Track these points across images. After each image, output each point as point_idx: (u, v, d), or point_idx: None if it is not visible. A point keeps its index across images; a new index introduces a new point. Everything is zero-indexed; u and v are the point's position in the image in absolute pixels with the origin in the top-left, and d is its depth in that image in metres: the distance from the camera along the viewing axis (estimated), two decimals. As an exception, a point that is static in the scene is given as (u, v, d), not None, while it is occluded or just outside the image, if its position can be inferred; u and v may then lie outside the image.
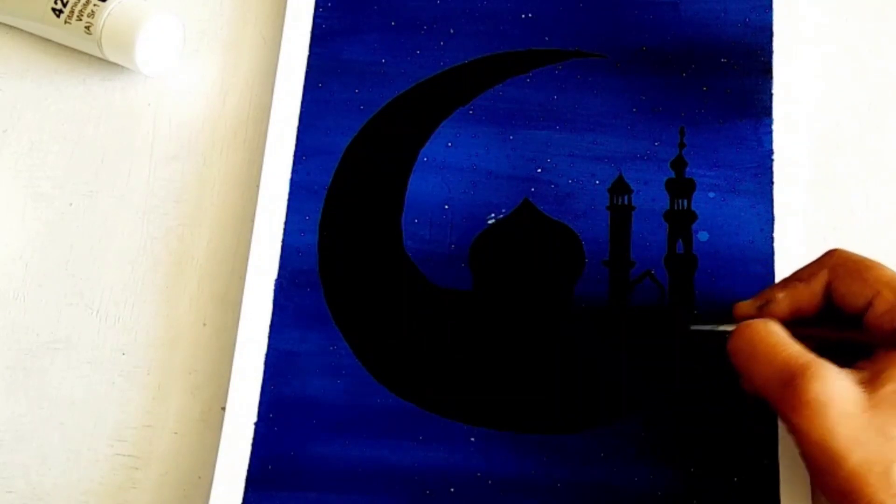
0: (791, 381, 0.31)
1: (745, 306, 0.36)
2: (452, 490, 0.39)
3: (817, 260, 0.35)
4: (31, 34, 0.48)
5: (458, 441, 0.39)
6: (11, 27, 0.48)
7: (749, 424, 0.38)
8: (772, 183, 0.42)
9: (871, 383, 0.31)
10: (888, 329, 0.32)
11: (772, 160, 0.42)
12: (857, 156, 0.44)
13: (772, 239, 0.41)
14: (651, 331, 0.40)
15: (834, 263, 0.35)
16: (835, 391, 0.31)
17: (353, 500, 0.39)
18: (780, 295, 0.35)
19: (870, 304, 0.33)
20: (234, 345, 0.41)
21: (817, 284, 0.35)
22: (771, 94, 0.43)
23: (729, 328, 0.36)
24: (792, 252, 0.41)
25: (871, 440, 0.30)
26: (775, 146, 0.42)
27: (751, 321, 0.34)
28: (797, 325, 0.35)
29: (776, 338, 0.33)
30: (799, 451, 0.32)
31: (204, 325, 0.43)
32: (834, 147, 0.44)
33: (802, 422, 0.31)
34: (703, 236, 0.41)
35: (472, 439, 0.39)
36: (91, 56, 0.47)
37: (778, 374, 0.32)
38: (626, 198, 0.42)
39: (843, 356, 0.33)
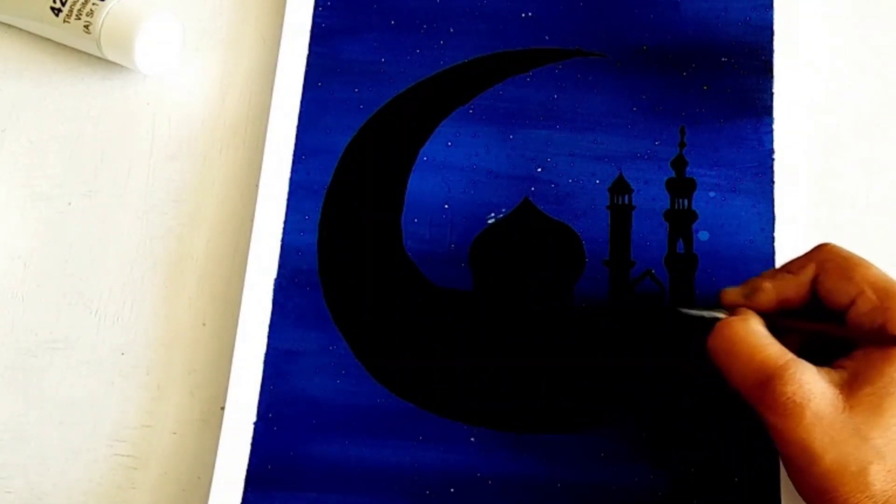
0: (768, 382, 0.32)
1: (732, 293, 0.36)
2: (452, 490, 0.39)
3: (807, 253, 0.35)
4: (30, 33, 0.48)
5: (457, 441, 0.39)
6: (10, 26, 0.48)
7: (749, 425, 0.38)
8: (772, 182, 0.42)
9: (849, 384, 0.31)
10: (869, 328, 0.32)
11: (772, 160, 0.42)
12: (857, 156, 0.44)
13: (772, 239, 0.41)
14: (651, 330, 0.40)
15: (822, 258, 0.34)
16: (812, 392, 0.31)
17: (353, 500, 0.39)
18: (768, 285, 0.35)
19: (853, 302, 0.33)
20: (233, 344, 0.41)
21: (804, 277, 0.34)
22: (771, 94, 0.43)
23: (718, 314, 0.35)
24: (792, 252, 0.40)
25: (846, 441, 0.31)
26: (776, 146, 0.42)
27: (730, 319, 0.34)
28: (782, 316, 0.35)
29: (755, 337, 0.33)
30: (777, 449, 0.33)
31: (203, 324, 0.43)
32: (834, 147, 0.44)
33: (779, 421, 0.31)
34: (703, 236, 0.41)
35: (472, 439, 0.39)
36: (90, 55, 0.47)
37: (755, 373, 0.32)
38: (626, 197, 0.42)
39: (826, 351, 0.33)
